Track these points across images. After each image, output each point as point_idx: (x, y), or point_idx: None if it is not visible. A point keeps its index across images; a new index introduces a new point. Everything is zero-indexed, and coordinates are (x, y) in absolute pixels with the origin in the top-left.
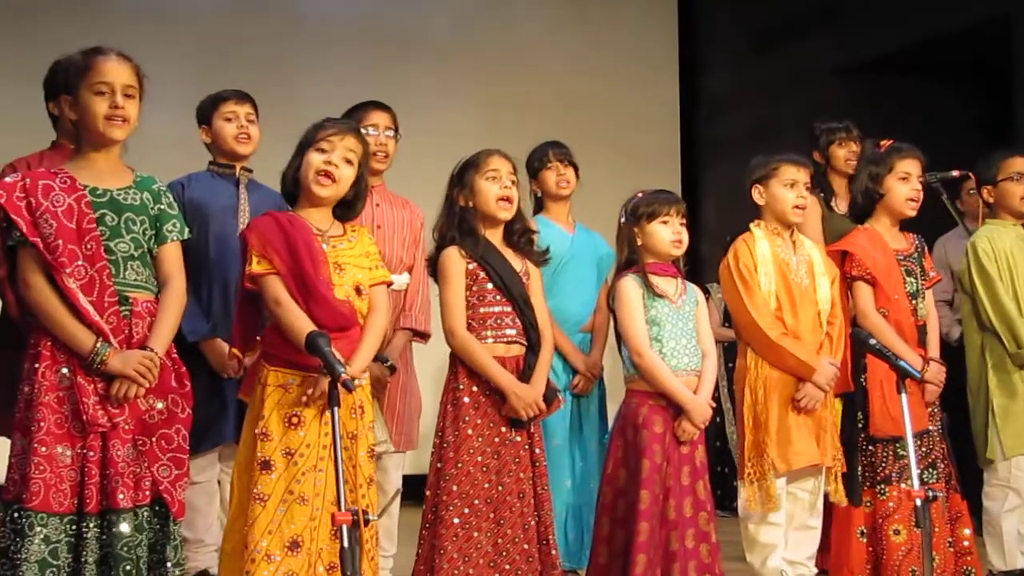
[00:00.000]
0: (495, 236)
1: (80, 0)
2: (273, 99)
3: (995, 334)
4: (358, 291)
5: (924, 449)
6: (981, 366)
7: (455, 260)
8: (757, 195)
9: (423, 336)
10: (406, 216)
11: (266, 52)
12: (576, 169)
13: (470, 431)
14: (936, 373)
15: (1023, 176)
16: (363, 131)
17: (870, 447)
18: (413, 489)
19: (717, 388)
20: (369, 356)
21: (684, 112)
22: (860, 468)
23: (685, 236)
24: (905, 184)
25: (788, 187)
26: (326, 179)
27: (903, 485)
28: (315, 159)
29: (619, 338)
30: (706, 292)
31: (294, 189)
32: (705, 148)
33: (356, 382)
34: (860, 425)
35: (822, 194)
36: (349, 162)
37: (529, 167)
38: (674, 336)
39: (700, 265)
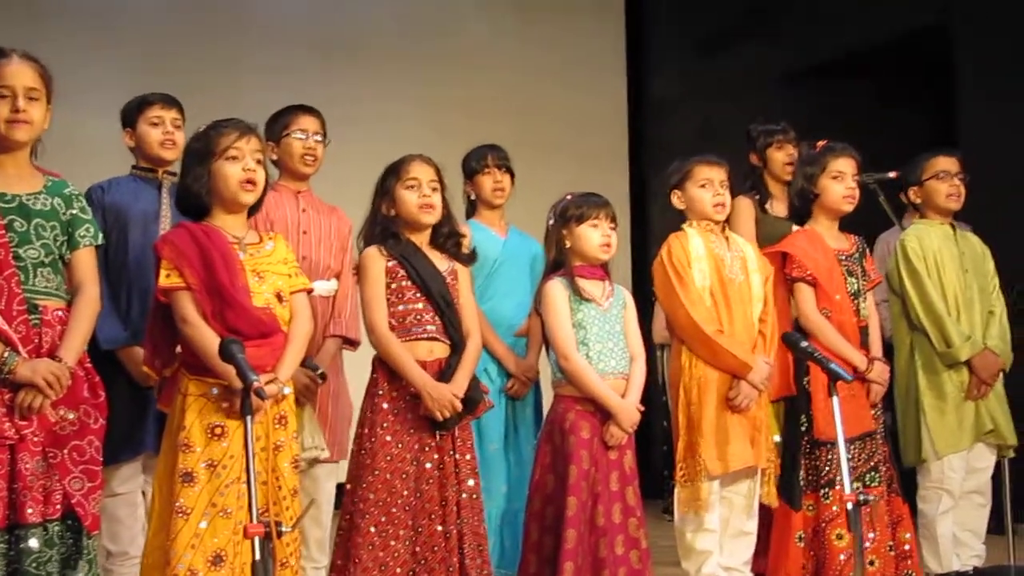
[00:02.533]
0: (421, 239)
1: (19, 3)
2: (218, 101)
3: (924, 333)
4: (279, 298)
5: (867, 452)
6: (910, 366)
7: (374, 258)
8: (676, 200)
9: (353, 343)
10: (333, 223)
11: (211, 54)
12: (512, 176)
13: (388, 437)
14: (880, 372)
15: (948, 174)
16: (291, 136)
17: (814, 451)
18: None
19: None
20: (294, 363)
21: (632, 114)
22: (803, 472)
23: (614, 239)
24: (839, 183)
25: (703, 187)
26: (250, 186)
27: None
28: (232, 171)
29: (547, 342)
30: (656, 297)
31: (202, 201)
32: (653, 150)
33: (281, 389)
34: (803, 428)
35: (757, 196)
36: (259, 163)
37: (466, 168)
38: (601, 339)
39: (648, 268)
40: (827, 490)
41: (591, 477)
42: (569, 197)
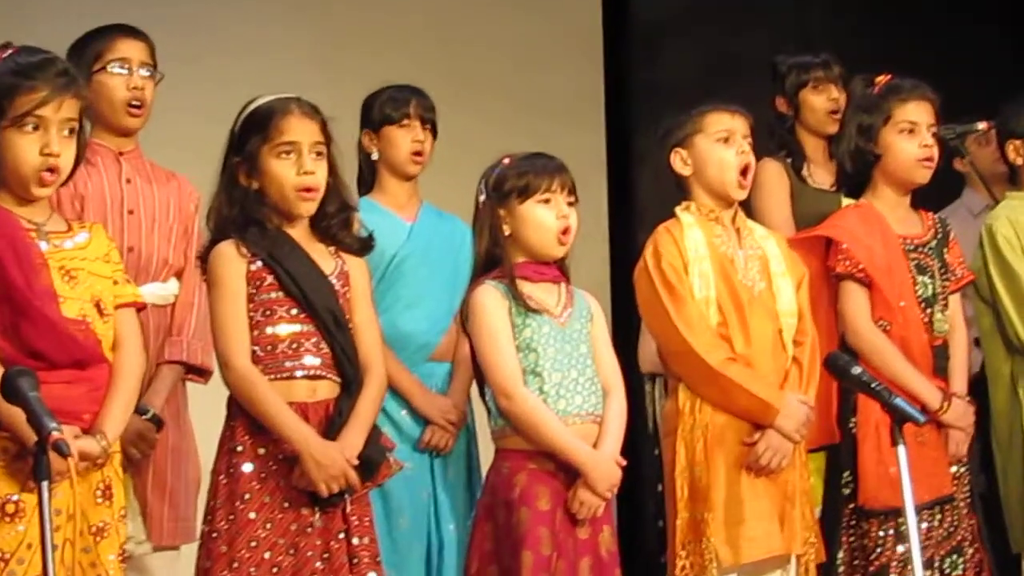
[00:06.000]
0: (295, 225)
1: None
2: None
3: None
4: (99, 310)
5: (945, 527)
6: (1013, 406)
7: (230, 260)
8: (680, 163)
9: (201, 373)
10: (172, 197)
11: None
12: (435, 134)
13: (252, 514)
14: (962, 415)
15: None
16: (107, 70)
17: (861, 523)
18: None
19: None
20: (126, 411)
21: (610, 45)
22: (844, 553)
23: (574, 222)
24: (911, 138)
25: (722, 142)
26: (51, 175)
27: None
28: (28, 150)
29: (479, 373)
30: None
31: None
32: (640, 94)
33: (105, 449)
34: (848, 492)
35: (789, 159)
36: (72, 132)
37: (367, 118)
38: (560, 367)
39: (633, 265)
40: None
41: (553, 567)
42: (507, 161)
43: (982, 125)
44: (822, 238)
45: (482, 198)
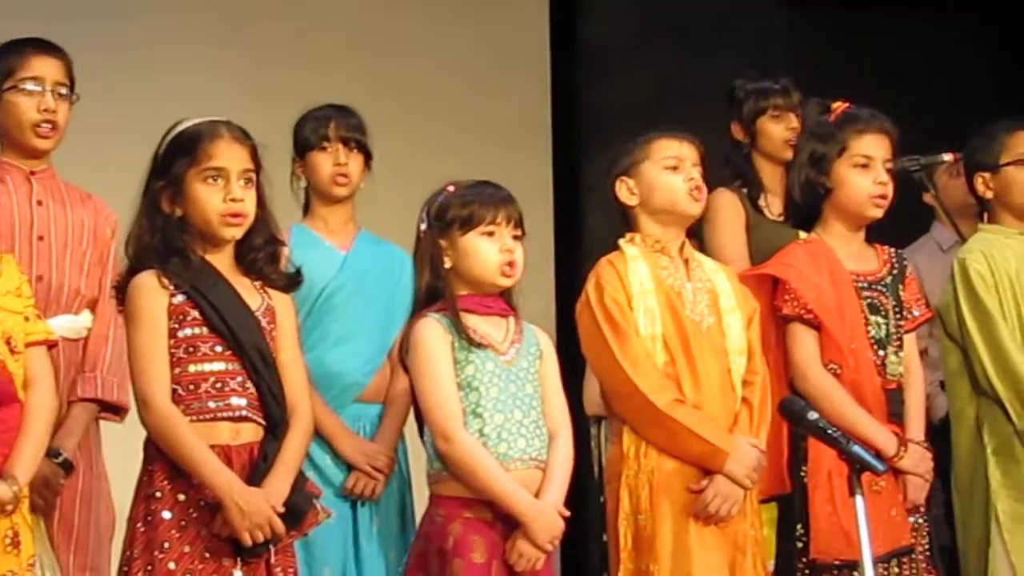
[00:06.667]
0: (220, 256)
1: None
2: None
3: (998, 401)
4: (10, 347)
5: None
6: (976, 452)
7: (151, 292)
8: (626, 192)
9: (116, 411)
10: (87, 219)
11: None
12: (368, 156)
13: (172, 564)
14: (919, 461)
15: None
16: (19, 87)
17: None
18: None
19: None
20: (38, 455)
21: (558, 68)
22: None
23: (520, 257)
24: (866, 173)
25: (670, 170)
26: None
27: None
28: None
29: (418, 414)
30: None
31: None
32: (588, 120)
33: (16, 494)
34: (800, 544)
35: (745, 189)
36: None
37: (296, 142)
38: (502, 407)
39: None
40: None
41: None
42: (451, 189)
43: (948, 157)
44: (770, 275)
45: (423, 227)
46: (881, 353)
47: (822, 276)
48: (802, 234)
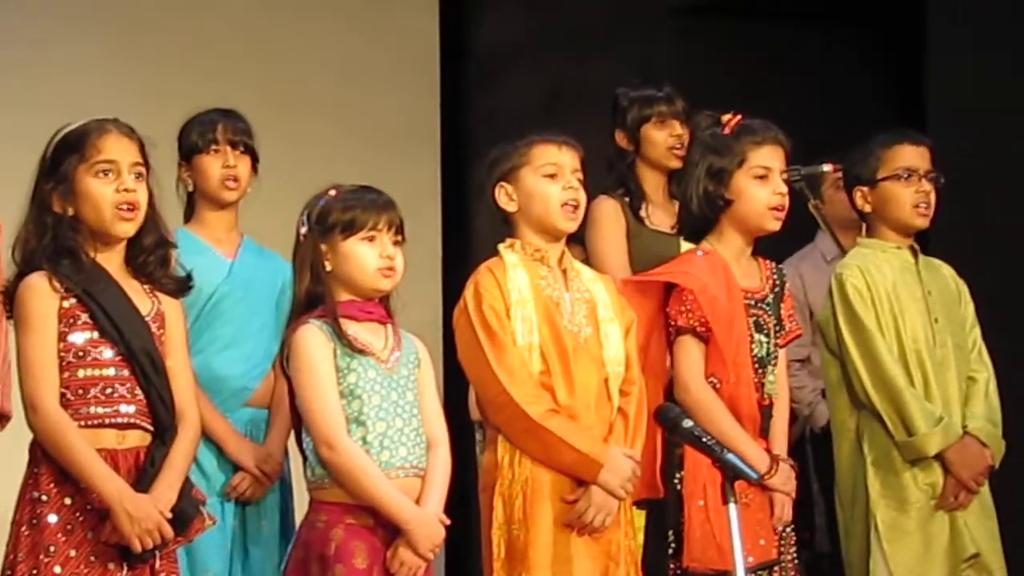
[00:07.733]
0: (110, 258)
1: None
2: None
3: (875, 414)
4: None
5: None
6: (856, 462)
7: (42, 294)
8: (504, 198)
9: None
10: None
11: None
12: (255, 159)
13: (57, 568)
14: (787, 479)
15: (914, 173)
16: None
17: None
18: None
19: None
20: None
21: (446, 71)
22: None
23: (400, 263)
24: (764, 185)
25: (549, 177)
26: None
27: None
28: None
29: (298, 420)
30: None
31: None
32: (477, 124)
33: None
34: (671, 551)
35: (627, 198)
36: None
37: (182, 146)
38: (384, 415)
39: None
40: None
41: None
42: (332, 194)
43: (827, 167)
44: (659, 282)
45: (304, 230)
46: (761, 371)
47: (719, 289)
48: (684, 245)
